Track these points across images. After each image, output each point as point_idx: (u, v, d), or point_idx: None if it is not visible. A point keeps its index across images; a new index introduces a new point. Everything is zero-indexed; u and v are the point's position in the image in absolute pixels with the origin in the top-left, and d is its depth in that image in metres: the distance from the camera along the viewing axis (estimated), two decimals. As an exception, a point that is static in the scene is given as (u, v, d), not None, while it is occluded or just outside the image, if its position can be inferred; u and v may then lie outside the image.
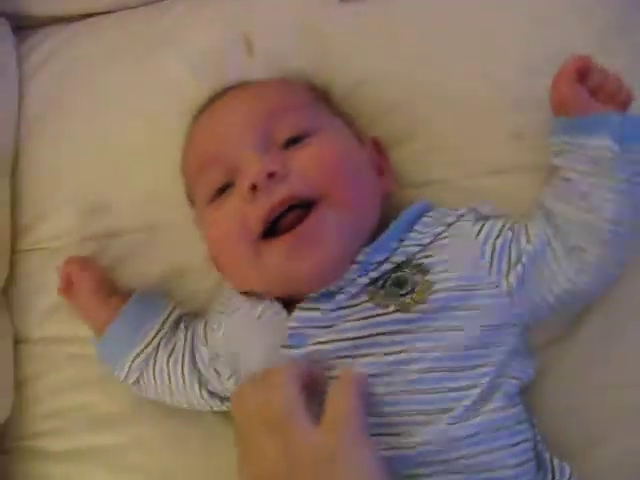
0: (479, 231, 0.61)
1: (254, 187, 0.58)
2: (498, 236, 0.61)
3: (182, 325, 0.71)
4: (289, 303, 0.62)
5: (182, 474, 0.71)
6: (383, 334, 0.57)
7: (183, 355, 0.68)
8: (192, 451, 0.71)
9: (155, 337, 0.69)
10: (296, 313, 0.60)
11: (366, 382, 0.56)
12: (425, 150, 0.71)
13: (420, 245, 0.61)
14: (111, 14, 0.81)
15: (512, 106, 0.69)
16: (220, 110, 0.66)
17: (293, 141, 0.61)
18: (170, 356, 0.68)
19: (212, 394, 0.68)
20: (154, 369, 0.69)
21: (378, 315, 0.58)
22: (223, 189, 0.62)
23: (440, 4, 0.73)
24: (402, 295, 0.58)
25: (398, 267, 0.60)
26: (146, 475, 0.71)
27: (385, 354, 0.57)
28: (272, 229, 0.59)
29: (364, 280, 0.59)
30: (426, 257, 0.60)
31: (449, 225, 0.62)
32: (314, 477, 0.50)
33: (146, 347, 0.69)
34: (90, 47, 0.80)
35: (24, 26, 0.83)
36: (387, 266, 0.60)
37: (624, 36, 0.70)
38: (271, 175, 0.58)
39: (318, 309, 0.59)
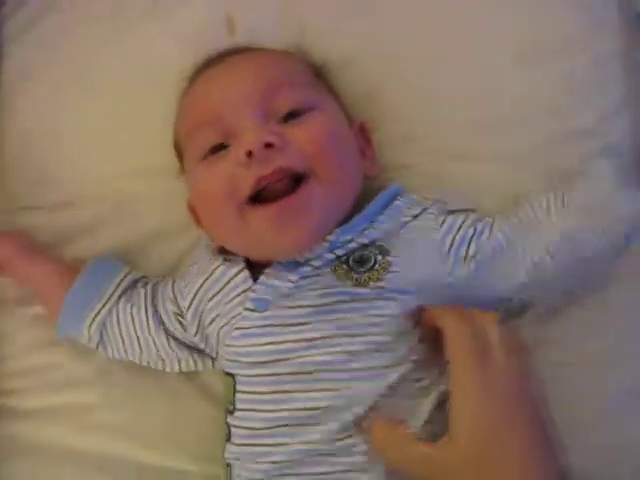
0: (442, 224, 0.65)
1: (250, 154, 0.60)
2: (459, 230, 0.65)
3: (140, 284, 0.73)
4: (254, 265, 0.65)
5: (146, 432, 0.72)
6: (338, 303, 0.61)
7: (146, 307, 0.70)
8: (156, 410, 0.73)
9: (113, 294, 0.71)
10: (262, 279, 0.63)
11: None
12: (393, 135, 0.74)
13: (385, 231, 0.65)
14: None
15: (479, 97, 0.73)
16: (225, 72, 0.67)
17: (291, 115, 0.63)
18: (132, 307, 0.70)
19: (179, 342, 0.70)
20: (118, 322, 0.70)
21: (336, 286, 0.62)
22: (216, 149, 0.64)
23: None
24: (361, 272, 0.62)
25: (363, 246, 0.64)
26: (111, 433, 0.72)
27: (336, 320, 0.61)
28: (258, 196, 0.61)
29: (330, 256, 0.63)
30: (389, 241, 0.64)
31: (415, 216, 0.66)
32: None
33: (106, 303, 0.70)
34: (73, 16, 0.80)
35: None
36: (353, 245, 0.63)
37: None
38: (268, 145, 0.60)
39: (282, 278, 0.63)
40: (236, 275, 0.65)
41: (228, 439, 0.65)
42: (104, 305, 0.70)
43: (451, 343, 0.57)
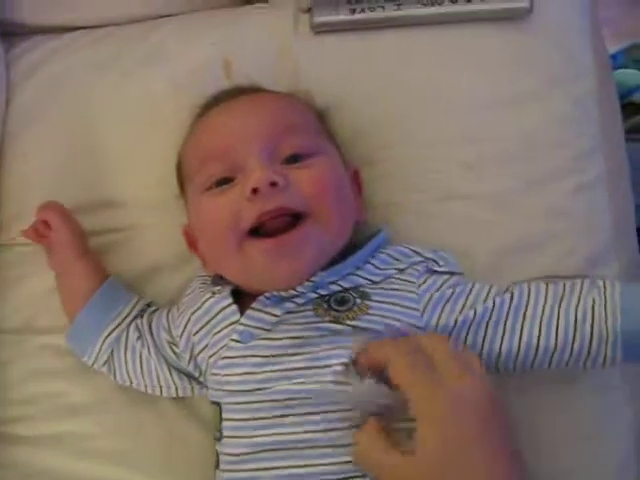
0: (423, 282, 0.67)
1: (256, 190, 0.64)
2: (437, 290, 0.67)
3: (147, 311, 0.77)
4: (240, 298, 0.69)
5: (143, 459, 0.75)
6: (314, 337, 0.64)
7: (147, 338, 0.74)
8: (153, 437, 0.75)
9: (126, 317, 0.74)
10: (249, 312, 0.67)
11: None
12: (382, 174, 0.78)
13: (370, 280, 0.68)
14: (100, 29, 0.86)
15: (463, 139, 0.77)
16: (235, 110, 0.71)
17: (294, 158, 0.67)
18: (139, 337, 0.74)
19: (177, 370, 0.73)
20: (126, 347, 0.74)
21: (315, 322, 0.65)
22: (222, 182, 0.67)
23: (410, 43, 0.80)
24: (340, 311, 0.65)
25: (345, 290, 0.67)
26: (109, 460, 0.75)
27: (310, 353, 0.63)
28: (258, 230, 0.65)
29: (313, 295, 0.66)
30: (371, 288, 0.67)
31: (401, 270, 0.69)
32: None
33: (118, 325, 0.74)
34: (77, 60, 0.85)
35: (12, 33, 0.87)
36: (335, 287, 0.67)
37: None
38: (273, 184, 0.64)
39: (267, 312, 0.66)
40: (225, 308, 0.68)
41: (217, 466, 0.67)
42: (120, 324, 0.74)
43: (392, 371, 0.58)
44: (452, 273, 0.69)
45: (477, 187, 0.76)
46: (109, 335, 0.74)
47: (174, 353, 0.73)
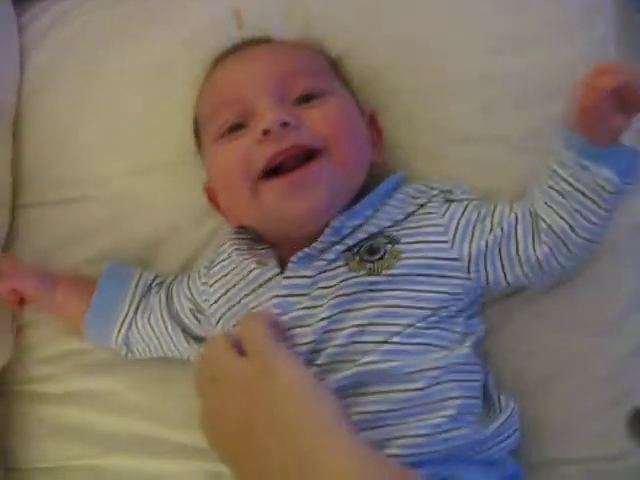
0: (445, 211, 0.67)
1: (267, 132, 0.63)
2: (462, 216, 0.66)
3: (154, 290, 0.76)
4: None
5: (170, 413, 0.76)
6: (354, 293, 0.63)
7: (161, 312, 0.74)
8: (179, 392, 0.76)
9: (131, 305, 0.75)
10: (282, 282, 0.65)
11: (275, 317, 0.62)
12: (398, 119, 0.76)
13: (393, 220, 0.67)
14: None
15: (481, 81, 0.75)
16: (246, 59, 0.71)
17: (306, 99, 0.67)
18: (150, 317, 0.74)
19: (198, 340, 0.73)
20: (139, 334, 0.75)
21: (352, 278, 0.64)
22: (233, 129, 0.67)
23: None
24: (373, 261, 0.64)
25: (372, 236, 0.66)
26: (137, 415, 0.76)
27: (353, 310, 0.63)
28: (273, 172, 0.64)
29: (341, 247, 0.65)
30: (397, 231, 0.66)
31: (421, 205, 0.68)
32: (251, 394, 0.55)
33: (125, 318, 0.74)
34: (87, 22, 0.84)
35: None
36: (361, 235, 0.66)
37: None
38: (284, 124, 0.63)
39: (300, 276, 0.65)
40: (269, 280, 0.67)
41: None
42: (122, 323, 0.74)
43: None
44: (470, 199, 0.69)
45: (495, 129, 0.74)
46: (118, 335, 0.74)
47: (197, 319, 0.73)
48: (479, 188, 0.72)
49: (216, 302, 0.70)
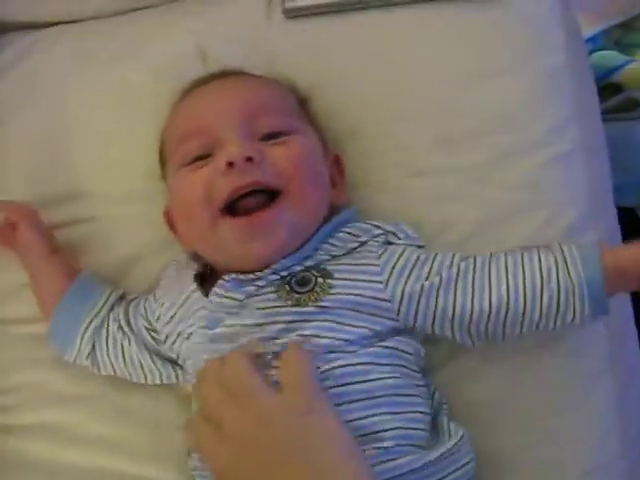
0: (384, 252, 0.68)
1: (231, 164, 0.64)
2: (400, 258, 0.67)
3: (123, 301, 0.77)
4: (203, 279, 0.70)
5: (132, 443, 0.75)
6: (277, 323, 0.64)
7: (125, 327, 0.74)
8: (141, 421, 0.76)
9: (102, 309, 0.75)
10: (212, 297, 0.67)
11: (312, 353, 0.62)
12: (359, 153, 0.78)
13: (331, 256, 0.68)
14: (76, 24, 0.87)
15: (437, 113, 0.77)
16: (217, 90, 0.72)
17: (271, 136, 0.68)
18: (119, 327, 0.74)
19: (159, 356, 0.73)
20: (107, 338, 0.74)
21: (277, 307, 0.65)
22: (199, 159, 0.68)
23: (382, 23, 0.80)
24: (301, 293, 0.65)
25: (307, 268, 0.67)
26: (98, 446, 0.76)
27: (273, 339, 0.64)
28: (232, 208, 0.65)
29: (274, 277, 0.66)
30: (333, 265, 0.67)
31: (362, 243, 0.69)
32: (287, 431, 0.56)
33: (95, 317, 0.74)
34: (53, 54, 0.86)
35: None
36: (297, 267, 0.67)
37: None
38: (248, 159, 0.64)
39: (229, 297, 0.66)
40: (192, 293, 0.69)
41: (189, 453, 0.68)
42: (96, 315, 0.74)
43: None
44: (411, 245, 0.69)
45: (453, 161, 0.77)
46: (87, 328, 0.74)
47: (154, 339, 0.73)
48: (436, 220, 0.74)
49: (157, 322, 0.72)
